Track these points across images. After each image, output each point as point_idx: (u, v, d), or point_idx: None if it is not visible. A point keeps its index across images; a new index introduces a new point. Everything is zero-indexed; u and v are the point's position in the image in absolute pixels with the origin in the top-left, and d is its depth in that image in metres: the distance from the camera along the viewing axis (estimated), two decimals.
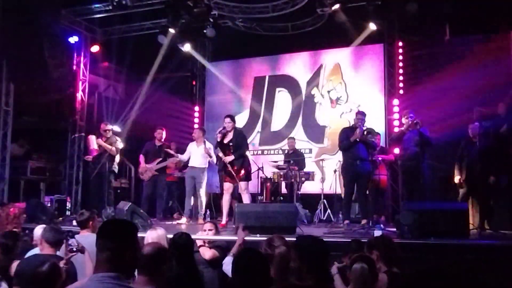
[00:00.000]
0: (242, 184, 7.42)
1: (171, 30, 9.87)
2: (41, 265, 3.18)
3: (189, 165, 8.44)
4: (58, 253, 4.11)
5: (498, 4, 8.11)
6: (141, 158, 8.86)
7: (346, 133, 7.54)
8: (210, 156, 8.23)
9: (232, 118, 7.71)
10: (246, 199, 7.43)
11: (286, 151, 9.77)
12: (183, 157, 8.52)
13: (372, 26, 9.18)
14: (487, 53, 9.06)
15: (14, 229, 4.69)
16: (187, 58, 11.48)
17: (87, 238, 4.32)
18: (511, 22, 8.68)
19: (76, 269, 3.84)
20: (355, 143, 7.32)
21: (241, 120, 10.65)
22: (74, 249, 3.99)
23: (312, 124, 10.57)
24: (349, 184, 7.54)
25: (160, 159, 8.69)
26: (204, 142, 8.27)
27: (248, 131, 10.23)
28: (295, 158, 9.15)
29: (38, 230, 4.54)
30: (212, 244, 4.88)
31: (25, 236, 4.80)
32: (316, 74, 10.61)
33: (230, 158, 7.36)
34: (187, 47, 10.62)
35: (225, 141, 7.50)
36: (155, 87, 11.42)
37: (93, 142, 8.82)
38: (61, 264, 3.51)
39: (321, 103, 10.53)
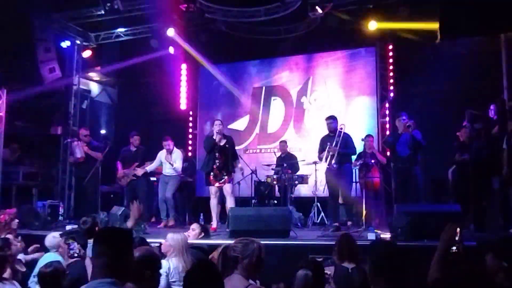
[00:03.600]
0: (227, 187, 7.40)
1: (164, 34, 9.87)
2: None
3: (163, 172, 8.72)
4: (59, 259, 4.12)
5: (489, 7, 8.17)
6: (119, 164, 8.94)
7: (321, 145, 7.67)
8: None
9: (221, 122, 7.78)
10: (231, 202, 7.34)
11: (279, 155, 9.77)
12: (152, 166, 8.69)
13: (365, 29, 9.25)
14: (478, 55, 9.14)
15: (9, 235, 4.67)
16: (180, 62, 11.50)
17: None
18: (501, 25, 8.75)
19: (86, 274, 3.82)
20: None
21: (243, 124, 11.41)
22: (75, 255, 3.99)
23: (301, 129, 10.90)
24: (331, 187, 7.55)
25: (137, 163, 8.76)
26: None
27: (249, 133, 11.26)
28: (288, 161, 9.16)
29: (50, 239, 4.58)
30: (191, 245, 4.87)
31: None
32: (305, 85, 11.03)
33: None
34: (180, 51, 10.61)
35: (221, 143, 7.50)
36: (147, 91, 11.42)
37: (80, 149, 8.84)
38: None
39: (309, 110, 10.91)
